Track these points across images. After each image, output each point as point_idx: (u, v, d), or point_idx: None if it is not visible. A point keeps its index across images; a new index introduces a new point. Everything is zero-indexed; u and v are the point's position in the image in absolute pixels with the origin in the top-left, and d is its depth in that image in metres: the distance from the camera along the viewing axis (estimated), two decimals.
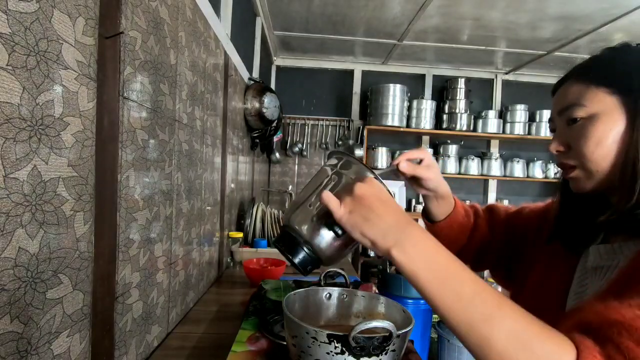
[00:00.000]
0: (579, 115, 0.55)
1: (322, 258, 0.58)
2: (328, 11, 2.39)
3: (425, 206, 0.77)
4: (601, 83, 0.53)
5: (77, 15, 0.56)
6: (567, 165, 0.58)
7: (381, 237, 0.46)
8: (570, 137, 0.57)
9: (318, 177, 0.62)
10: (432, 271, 0.44)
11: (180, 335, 0.99)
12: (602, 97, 0.53)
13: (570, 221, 0.63)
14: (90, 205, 0.61)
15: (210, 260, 1.41)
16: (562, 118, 0.58)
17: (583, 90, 0.55)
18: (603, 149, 0.53)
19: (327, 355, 0.53)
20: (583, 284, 0.57)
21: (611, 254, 0.54)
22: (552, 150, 0.60)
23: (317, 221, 0.56)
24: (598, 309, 0.42)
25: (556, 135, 0.60)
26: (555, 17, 2.29)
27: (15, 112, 0.45)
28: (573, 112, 0.55)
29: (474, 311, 0.41)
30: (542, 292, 0.63)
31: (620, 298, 0.43)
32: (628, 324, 0.39)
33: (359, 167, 0.59)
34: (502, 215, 0.80)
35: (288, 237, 0.59)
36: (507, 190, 3.51)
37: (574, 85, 0.57)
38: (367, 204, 0.47)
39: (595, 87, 0.54)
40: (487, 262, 0.80)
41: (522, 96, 3.40)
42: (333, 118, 3.41)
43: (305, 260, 0.58)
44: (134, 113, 0.74)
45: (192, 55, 1.09)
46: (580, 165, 0.56)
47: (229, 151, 1.61)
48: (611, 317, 0.40)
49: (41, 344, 0.51)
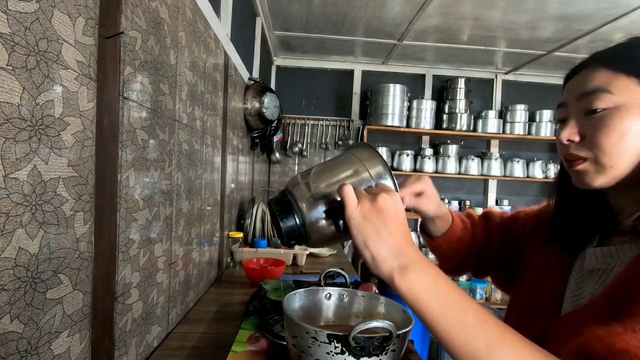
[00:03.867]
0: (603, 104, 0.50)
1: (308, 238, 0.57)
2: (328, 11, 2.39)
3: (424, 224, 0.78)
4: (633, 72, 0.49)
5: (77, 15, 0.56)
6: (576, 157, 0.53)
7: (385, 255, 0.45)
8: (587, 127, 0.52)
9: (341, 162, 0.60)
10: (435, 297, 0.43)
11: (180, 335, 0.99)
12: (634, 87, 0.49)
13: (566, 222, 0.62)
14: (90, 205, 0.61)
15: (210, 260, 1.41)
16: (580, 104, 0.53)
17: (611, 77, 0.50)
18: (624, 144, 0.49)
19: (327, 355, 0.53)
20: (580, 287, 0.57)
21: (607, 257, 0.54)
22: (563, 139, 0.54)
23: (322, 204, 0.55)
24: (601, 335, 0.41)
25: (570, 123, 0.54)
26: (555, 17, 2.29)
27: (15, 112, 0.45)
28: (597, 98, 0.50)
29: (477, 340, 0.41)
30: (538, 293, 0.63)
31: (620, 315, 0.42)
32: (634, 354, 0.37)
33: (384, 172, 0.58)
34: (497, 221, 0.81)
35: (287, 204, 0.57)
36: (507, 190, 3.51)
37: (600, 71, 0.51)
38: (384, 218, 0.46)
39: (625, 76, 0.49)
40: (488, 268, 0.80)
41: (522, 96, 3.40)
42: (333, 118, 3.41)
43: (292, 231, 0.56)
44: (134, 113, 0.74)
45: (192, 55, 1.09)
46: (592, 159, 0.52)
47: (229, 151, 1.61)
48: (616, 345, 0.39)
49: (41, 344, 0.51)
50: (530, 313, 0.62)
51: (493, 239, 0.79)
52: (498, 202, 3.46)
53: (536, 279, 0.65)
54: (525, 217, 0.77)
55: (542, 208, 0.72)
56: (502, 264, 0.78)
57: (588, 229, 0.60)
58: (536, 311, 0.61)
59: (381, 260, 0.45)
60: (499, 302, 3.07)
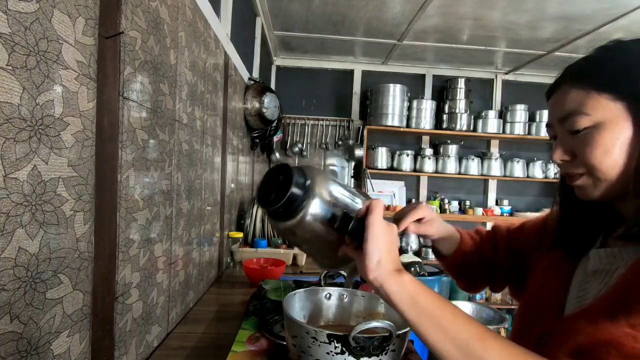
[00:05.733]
0: (583, 125, 0.52)
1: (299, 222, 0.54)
2: (328, 11, 2.39)
3: (434, 246, 0.81)
4: (603, 89, 0.50)
5: (77, 15, 0.56)
6: (573, 174, 0.55)
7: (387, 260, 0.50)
8: (574, 146, 0.54)
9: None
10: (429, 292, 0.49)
11: (180, 335, 0.99)
12: (606, 104, 0.50)
13: (571, 226, 0.62)
14: (90, 205, 0.61)
15: (210, 260, 1.41)
16: (563, 126, 0.55)
17: (583, 97, 0.52)
18: (611, 158, 0.50)
19: (327, 355, 0.53)
20: (583, 288, 0.57)
21: (611, 258, 0.54)
22: (556, 160, 0.57)
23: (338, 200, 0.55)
24: (590, 330, 0.44)
25: (559, 144, 0.56)
26: (555, 17, 2.29)
27: (15, 112, 0.45)
28: (576, 121, 0.52)
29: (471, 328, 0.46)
30: (542, 295, 0.63)
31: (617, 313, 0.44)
32: (616, 342, 0.40)
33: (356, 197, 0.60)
34: (504, 233, 0.82)
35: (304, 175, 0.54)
36: (507, 190, 3.50)
37: (571, 91, 0.53)
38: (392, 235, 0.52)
39: (596, 94, 0.51)
40: (500, 280, 0.82)
41: (522, 96, 3.39)
42: (333, 118, 3.40)
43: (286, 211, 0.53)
44: (134, 113, 0.74)
45: (192, 55, 1.09)
46: (587, 174, 0.53)
47: (229, 151, 1.61)
48: (602, 337, 0.41)
49: (41, 344, 0.51)
50: (535, 314, 0.62)
51: (500, 251, 0.80)
52: (498, 202, 3.45)
53: (540, 282, 0.66)
54: (531, 225, 0.78)
55: (547, 215, 0.73)
56: (512, 274, 0.79)
57: (592, 231, 0.60)
58: (540, 312, 0.61)
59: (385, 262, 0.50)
60: (499, 302, 3.07)
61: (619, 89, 0.50)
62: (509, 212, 3.36)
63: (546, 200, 3.49)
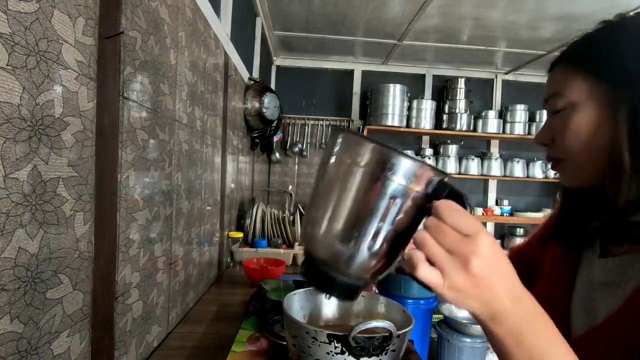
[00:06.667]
0: (559, 105, 0.50)
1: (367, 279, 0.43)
2: (328, 11, 2.39)
3: None
4: (577, 69, 0.49)
5: (77, 15, 0.56)
6: (554, 158, 0.54)
7: (489, 313, 0.38)
8: (554, 129, 0.53)
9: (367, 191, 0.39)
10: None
11: (180, 335, 0.99)
12: (579, 84, 0.49)
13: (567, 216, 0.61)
14: (90, 205, 0.61)
15: (210, 260, 1.41)
16: (548, 106, 0.54)
17: (563, 77, 0.51)
18: (581, 142, 0.48)
19: (327, 355, 0.53)
20: (591, 298, 0.54)
21: (620, 268, 0.50)
22: (536, 141, 0.55)
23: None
24: None
25: (544, 125, 0.55)
26: (555, 17, 2.29)
27: (15, 112, 0.45)
28: (555, 101, 0.51)
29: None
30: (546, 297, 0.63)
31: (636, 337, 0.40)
32: None
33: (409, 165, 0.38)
34: (514, 254, 0.78)
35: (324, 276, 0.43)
36: (507, 190, 3.50)
37: (558, 71, 0.53)
38: (487, 284, 0.36)
39: (575, 73, 0.50)
40: None
41: (522, 96, 3.40)
42: (333, 118, 3.40)
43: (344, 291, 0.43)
44: (134, 113, 0.74)
45: (192, 55, 1.09)
46: (565, 159, 0.52)
47: (229, 151, 1.61)
48: None
49: (41, 344, 0.51)
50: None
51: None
52: (498, 202, 3.45)
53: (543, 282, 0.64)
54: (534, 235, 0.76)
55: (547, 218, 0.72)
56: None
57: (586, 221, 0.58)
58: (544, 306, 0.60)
59: (483, 317, 0.38)
60: None
61: (589, 68, 0.49)
62: (509, 212, 3.36)
63: (546, 200, 3.49)
